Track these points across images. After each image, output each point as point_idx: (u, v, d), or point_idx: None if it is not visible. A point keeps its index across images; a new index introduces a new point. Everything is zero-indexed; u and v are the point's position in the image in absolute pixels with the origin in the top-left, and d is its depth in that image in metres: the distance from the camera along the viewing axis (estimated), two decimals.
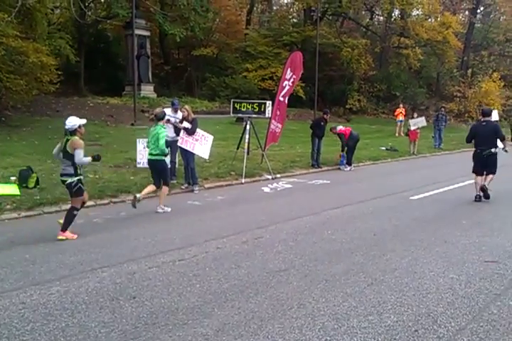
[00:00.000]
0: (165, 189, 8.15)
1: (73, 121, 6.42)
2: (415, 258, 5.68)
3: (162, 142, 7.91)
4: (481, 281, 4.96)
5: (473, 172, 9.40)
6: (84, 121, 6.59)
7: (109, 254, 5.72)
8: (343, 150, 13.67)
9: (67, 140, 6.41)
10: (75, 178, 6.45)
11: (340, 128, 13.97)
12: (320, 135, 13.48)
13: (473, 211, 8.51)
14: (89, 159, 6.51)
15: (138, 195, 7.81)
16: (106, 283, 4.82)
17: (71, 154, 6.35)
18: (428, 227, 7.22)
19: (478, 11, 41.37)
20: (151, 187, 8.11)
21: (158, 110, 8.65)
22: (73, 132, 6.43)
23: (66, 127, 6.43)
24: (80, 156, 6.32)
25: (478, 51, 41.43)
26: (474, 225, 7.35)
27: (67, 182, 6.44)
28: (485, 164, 9.21)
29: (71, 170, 6.44)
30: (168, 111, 10.21)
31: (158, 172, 8.16)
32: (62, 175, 6.56)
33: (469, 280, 4.99)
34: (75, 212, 6.54)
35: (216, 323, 3.98)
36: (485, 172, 9.23)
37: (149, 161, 8.23)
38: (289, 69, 12.86)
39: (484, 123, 9.33)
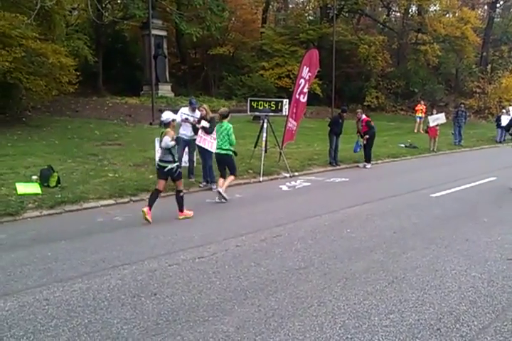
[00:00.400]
0: (232, 177, 9.16)
1: (168, 116, 7.48)
2: (436, 257, 5.63)
3: (233, 137, 9.05)
4: (504, 280, 4.89)
5: None
6: (176, 116, 7.92)
7: (130, 252, 5.78)
8: (366, 135, 13.51)
9: (163, 132, 7.45)
10: (174, 165, 7.42)
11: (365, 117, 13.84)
12: (338, 132, 13.41)
13: (494, 208, 8.39)
14: (173, 143, 7.31)
15: (220, 189, 8.81)
16: (127, 280, 4.87)
17: None
18: (449, 225, 7.14)
19: (498, 5, 40.67)
20: (221, 181, 9.03)
21: (222, 110, 9.52)
22: (167, 124, 7.45)
23: (162, 119, 7.50)
24: (166, 141, 7.24)
25: (498, 46, 40.72)
26: (496, 223, 7.25)
27: (168, 168, 7.37)
28: None
29: (170, 158, 7.39)
30: (185, 110, 10.26)
31: (227, 165, 9.20)
32: (161, 161, 7.48)
33: (492, 278, 4.93)
34: (181, 194, 7.60)
35: (236, 320, 3.99)
36: None
37: (218, 155, 9.14)
38: (305, 67, 12.81)
39: None
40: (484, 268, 5.24)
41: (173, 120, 7.52)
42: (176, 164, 7.46)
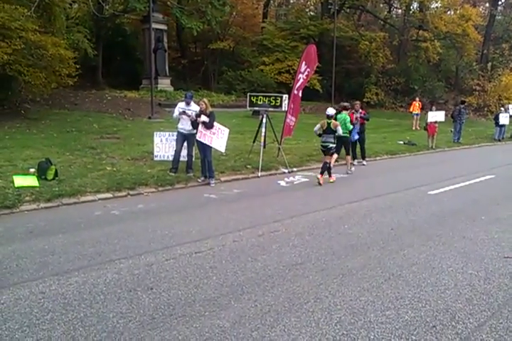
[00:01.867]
0: (348, 158, 12.28)
1: (332, 111, 10.62)
2: (433, 254, 5.63)
3: (349, 124, 11.81)
4: (501, 277, 4.89)
5: None
6: (335, 110, 11.12)
7: (127, 246, 5.77)
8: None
9: (329, 122, 10.46)
10: (333, 145, 10.62)
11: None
12: None
13: (492, 206, 8.39)
14: (341, 131, 10.73)
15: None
16: (124, 274, 4.87)
17: (333, 130, 10.47)
18: (446, 222, 7.14)
19: (500, 2, 40.57)
20: (348, 157, 12.34)
21: (346, 103, 12.58)
22: (331, 117, 10.57)
23: (327, 113, 10.52)
24: (340, 131, 10.62)
25: (499, 44, 40.64)
26: (493, 221, 7.25)
27: (329, 146, 10.59)
28: None
29: (332, 140, 10.55)
30: (182, 104, 10.20)
31: (346, 145, 12.14)
32: (325, 142, 10.59)
33: (488, 276, 4.93)
34: (327, 165, 10.56)
35: (233, 315, 3.99)
36: None
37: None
38: (303, 63, 12.78)
39: None
40: (481, 265, 5.24)
41: (334, 113, 10.69)
42: (335, 145, 10.67)
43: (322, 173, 10.40)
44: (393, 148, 16.39)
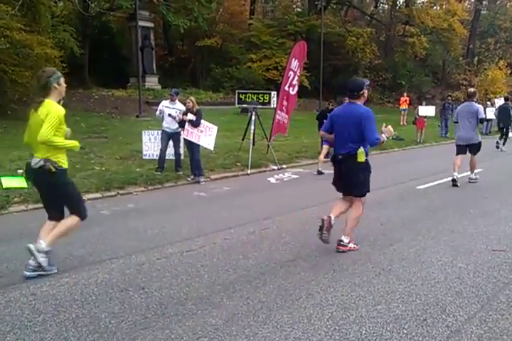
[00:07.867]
0: None
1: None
2: (423, 248, 5.67)
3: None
4: (489, 270, 4.95)
5: None
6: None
7: (117, 246, 5.75)
8: None
9: None
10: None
11: None
12: None
13: (480, 200, 8.47)
14: None
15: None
16: (115, 274, 4.85)
17: None
18: (435, 217, 7.20)
19: None
20: None
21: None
22: None
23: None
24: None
25: (485, 38, 41.03)
26: (481, 214, 7.32)
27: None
28: None
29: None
30: (166, 102, 10.13)
31: None
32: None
33: (477, 269, 4.98)
34: None
35: (225, 313, 4.00)
36: None
37: None
38: (293, 59, 12.78)
39: None
40: (470, 259, 5.29)
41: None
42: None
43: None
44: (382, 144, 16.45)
